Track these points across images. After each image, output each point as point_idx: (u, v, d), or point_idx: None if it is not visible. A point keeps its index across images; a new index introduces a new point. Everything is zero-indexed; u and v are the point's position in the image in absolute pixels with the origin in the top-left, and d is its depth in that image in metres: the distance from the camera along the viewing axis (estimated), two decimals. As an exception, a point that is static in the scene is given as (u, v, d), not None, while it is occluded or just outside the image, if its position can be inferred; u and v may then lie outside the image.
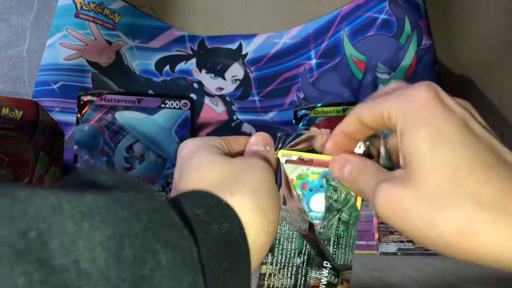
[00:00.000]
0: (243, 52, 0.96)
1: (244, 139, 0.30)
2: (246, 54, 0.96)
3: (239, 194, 0.23)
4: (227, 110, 0.92)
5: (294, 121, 0.90)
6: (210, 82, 0.93)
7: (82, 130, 0.79)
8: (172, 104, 0.86)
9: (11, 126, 0.62)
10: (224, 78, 0.94)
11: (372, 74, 0.92)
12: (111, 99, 0.82)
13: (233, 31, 0.99)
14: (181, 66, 0.93)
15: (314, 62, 0.95)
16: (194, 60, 0.94)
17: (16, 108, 0.63)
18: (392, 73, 0.91)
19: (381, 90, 0.30)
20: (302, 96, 0.93)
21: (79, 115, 0.79)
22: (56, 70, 0.82)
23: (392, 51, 0.92)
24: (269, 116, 0.92)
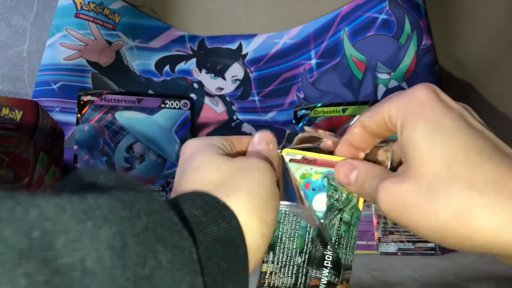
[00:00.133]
0: (243, 52, 0.96)
1: (247, 139, 0.30)
2: (246, 54, 0.96)
3: (234, 196, 0.23)
4: (227, 110, 0.92)
5: (294, 121, 0.89)
6: (210, 82, 0.93)
7: (82, 130, 0.79)
8: (172, 104, 0.86)
9: (11, 126, 0.62)
10: (224, 78, 0.94)
11: (372, 74, 0.92)
12: (111, 99, 0.82)
13: (233, 31, 0.99)
14: (181, 66, 0.93)
15: (314, 62, 0.95)
16: (194, 60, 0.94)
17: (16, 108, 0.63)
18: (392, 73, 0.92)
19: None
20: (302, 96, 0.93)
21: (79, 115, 0.79)
22: (56, 70, 0.82)
23: (392, 51, 0.92)
24: (269, 116, 0.92)
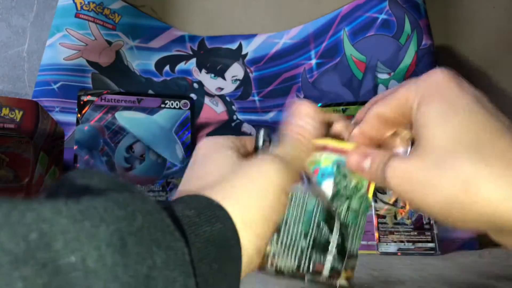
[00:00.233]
0: (243, 52, 0.96)
1: (246, 141, 0.30)
2: (246, 54, 0.96)
3: (231, 201, 0.23)
4: (227, 110, 0.92)
5: (294, 121, 0.89)
6: (210, 82, 0.93)
7: (82, 130, 0.79)
8: (172, 104, 0.86)
9: (11, 126, 0.62)
10: (224, 78, 0.94)
11: (372, 74, 0.92)
12: (111, 99, 0.82)
13: (233, 31, 0.99)
14: (181, 66, 0.93)
15: (314, 62, 0.95)
16: (194, 60, 0.94)
17: (16, 108, 0.63)
18: (392, 73, 0.92)
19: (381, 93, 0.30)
20: (302, 96, 0.93)
21: (79, 115, 0.79)
22: (56, 70, 0.82)
23: (392, 51, 0.92)
24: (269, 116, 0.92)
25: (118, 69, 0.87)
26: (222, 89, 0.93)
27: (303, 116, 0.29)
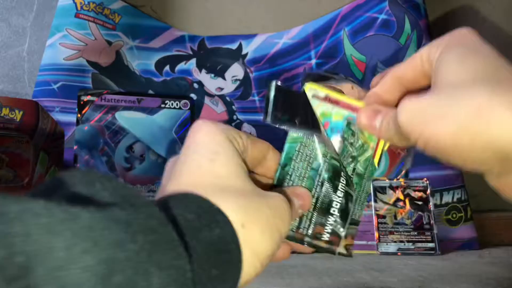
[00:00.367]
0: (243, 52, 0.96)
1: (263, 146, 0.28)
2: (246, 54, 0.96)
3: (231, 211, 0.22)
4: (227, 110, 0.92)
5: (294, 121, 0.89)
6: (210, 82, 0.93)
7: (82, 130, 0.79)
8: (172, 104, 0.86)
9: (11, 126, 0.62)
10: (224, 78, 0.94)
11: (372, 74, 0.92)
12: (111, 99, 0.82)
13: (233, 31, 0.99)
14: (181, 66, 0.93)
15: (314, 62, 0.95)
16: (194, 60, 0.94)
17: (16, 108, 0.63)
18: (392, 73, 0.92)
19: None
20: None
21: (79, 115, 0.79)
22: (56, 70, 0.82)
23: (392, 51, 0.92)
24: (269, 116, 0.92)
25: (118, 69, 0.87)
26: (222, 89, 0.93)
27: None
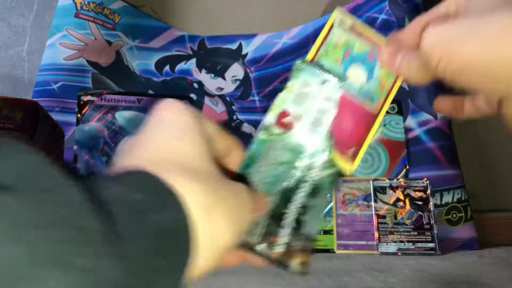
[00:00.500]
0: (243, 52, 0.96)
1: (230, 140, 0.26)
2: (246, 54, 0.96)
3: (188, 191, 0.20)
4: (227, 110, 0.92)
5: (294, 121, 0.89)
6: (210, 82, 0.93)
7: (82, 130, 0.79)
8: (172, 104, 0.86)
9: (11, 126, 0.62)
10: (224, 78, 0.94)
11: (372, 74, 0.92)
12: (111, 99, 0.82)
13: (233, 31, 0.99)
14: (181, 66, 0.93)
15: (314, 62, 0.95)
16: (194, 60, 0.94)
17: (16, 108, 0.63)
18: (392, 73, 0.92)
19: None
20: (302, 96, 0.93)
21: (79, 115, 0.79)
22: (56, 70, 0.82)
23: (392, 51, 0.92)
24: (269, 116, 0.92)
25: (118, 69, 0.87)
26: (222, 89, 0.94)
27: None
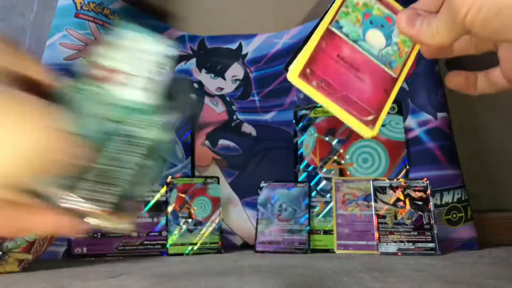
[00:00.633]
0: (243, 52, 0.96)
1: (27, 63, 0.24)
2: (246, 54, 0.96)
3: None
4: (227, 110, 0.92)
5: (294, 121, 0.89)
6: (210, 82, 0.93)
7: (82, 130, 0.79)
8: (172, 104, 0.86)
9: (11, 126, 0.62)
10: (224, 78, 0.94)
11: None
12: (111, 99, 0.82)
13: (233, 31, 0.99)
14: (181, 66, 0.93)
15: (314, 62, 0.94)
16: (194, 60, 0.94)
17: (16, 108, 0.62)
18: (392, 73, 0.91)
19: None
20: (302, 96, 0.93)
21: (79, 115, 0.79)
22: (56, 70, 0.82)
23: (392, 51, 0.92)
24: (269, 116, 0.92)
25: (118, 69, 0.87)
26: (222, 89, 0.94)
27: None
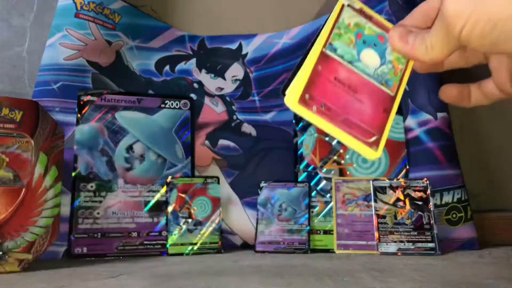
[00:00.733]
0: (243, 52, 0.96)
1: None
2: (246, 54, 0.96)
3: None
4: (227, 110, 0.92)
5: (294, 121, 0.89)
6: (210, 82, 0.93)
7: (82, 130, 0.79)
8: (172, 104, 0.86)
9: (11, 126, 0.62)
10: (224, 78, 0.94)
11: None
12: (111, 99, 0.82)
13: (233, 31, 0.99)
14: (181, 66, 0.93)
15: (314, 62, 0.94)
16: (194, 60, 0.94)
17: (16, 108, 0.63)
18: (392, 73, 0.91)
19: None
20: (302, 96, 0.93)
21: (79, 115, 0.79)
22: (56, 70, 0.82)
23: (392, 51, 0.92)
24: (269, 116, 0.92)
25: (118, 69, 0.87)
26: (222, 89, 0.94)
27: None
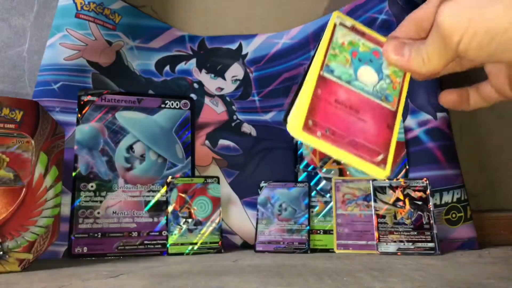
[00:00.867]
0: (243, 52, 0.96)
1: None
2: (246, 54, 0.96)
3: None
4: (227, 110, 0.92)
5: (294, 121, 0.89)
6: (210, 82, 0.93)
7: (82, 130, 0.79)
8: (172, 104, 0.86)
9: (11, 126, 0.62)
10: (224, 78, 0.94)
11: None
12: (111, 99, 0.82)
13: (233, 31, 0.99)
14: (181, 66, 0.93)
15: (314, 62, 0.94)
16: (194, 60, 0.94)
17: (16, 108, 0.63)
18: (392, 73, 0.91)
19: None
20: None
21: (79, 115, 0.79)
22: (56, 70, 0.82)
23: (392, 51, 0.92)
24: (269, 116, 0.92)
25: (118, 69, 0.87)
26: (222, 89, 0.94)
27: None
